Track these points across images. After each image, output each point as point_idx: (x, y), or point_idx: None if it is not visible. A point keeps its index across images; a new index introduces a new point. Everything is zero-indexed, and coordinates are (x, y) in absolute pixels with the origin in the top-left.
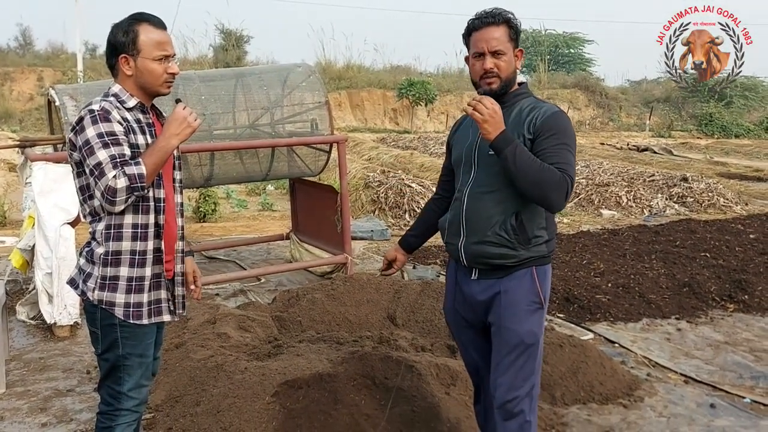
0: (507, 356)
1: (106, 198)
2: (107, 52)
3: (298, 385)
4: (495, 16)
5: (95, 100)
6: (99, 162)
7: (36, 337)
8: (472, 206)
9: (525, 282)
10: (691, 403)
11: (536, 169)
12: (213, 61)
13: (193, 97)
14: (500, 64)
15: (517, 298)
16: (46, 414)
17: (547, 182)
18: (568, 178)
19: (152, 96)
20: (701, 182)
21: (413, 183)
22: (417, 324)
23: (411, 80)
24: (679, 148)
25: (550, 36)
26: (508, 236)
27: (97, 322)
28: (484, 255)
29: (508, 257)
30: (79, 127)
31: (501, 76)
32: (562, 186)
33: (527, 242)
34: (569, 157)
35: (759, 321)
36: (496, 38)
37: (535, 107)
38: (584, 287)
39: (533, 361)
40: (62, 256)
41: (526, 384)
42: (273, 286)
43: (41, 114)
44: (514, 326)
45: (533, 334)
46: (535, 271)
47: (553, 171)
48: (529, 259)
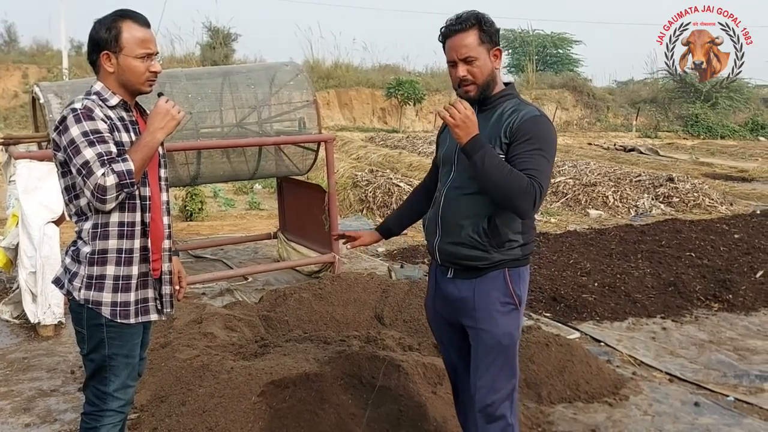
0: (485, 358)
1: (97, 197)
2: (89, 48)
3: (285, 385)
4: (463, 22)
5: (77, 99)
6: (86, 161)
7: (20, 337)
8: (448, 206)
9: (497, 283)
10: (675, 401)
11: (503, 175)
12: (200, 60)
13: (180, 96)
14: (473, 70)
15: (490, 300)
16: (29, 414)
17: (513, 188)
18: (536, 185)
19: (134, 94)
20: (687, 182)
21: (401, 182)
22: (404, 323)
23: (399, 79)
24: (665, 148)
25: (538, 36)
26: (480, 239)
27: (83, 321)
28: (456, 255)
29: (480, 259)
30: (63, 126)
31: (477, 82)
32: (529, 193)
33: (500, 245)
34: (542, 164)
35: (743, 320)
36: (465, 45)
37: (516, 110)
38: (571, 286)
39: (512, 363)
40: (46, 254)
41: (507, 386)
42: (260, 286)
43: (26, 111)
44: (490, 328)
45: (510, 335)
46: (507, 273)
47: (520, 177)
48: (502, 261)
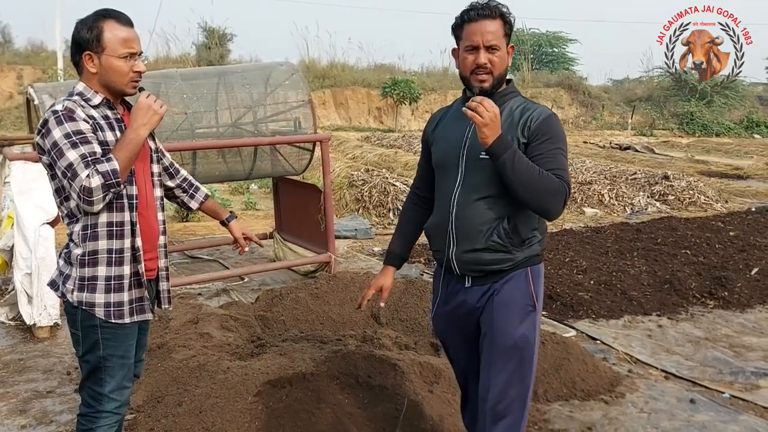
0: (500, 359)
1: (83, 199)
2: (71, 49)
3: (281, 385)
4: (492, 9)
5: (58, 101)
6: (70, 163)
7: (15, 338)
8: (462, 214)
9: (520, 283)
10: (671, 398)
11: (535, 176)
12: (196, 60)
13: (176, 96)
14: (494, 59)
15: (510, 300)
16: (25, 416)
17: (546, 190)
18: (565, 185)
19: (118, 95)
20: (682, 180)
21: (397, 182)
22: (400, 322)
23: (395, 79)
24: (660, 146)
25: (534, 35)
26: (503, 241)
27: (77, 323)
28: (479, 262)
29: (505, 261)
30: (45, 129)
31: (494, 72)
32: (561, 193)
33: (522, 244)
34: (564, 163)
35: (738, 317)
36: (491, 32)
37: (527, 108)
38: (567, 285)
39: (527, 366)
40: (42, 256)
41: (519, 387)
42: (256, 286)
43: (21, 113)
44: (506, 328)
45: (526, 338)
46: (530, 272)
47: (551, 178)
48: (525, 260)
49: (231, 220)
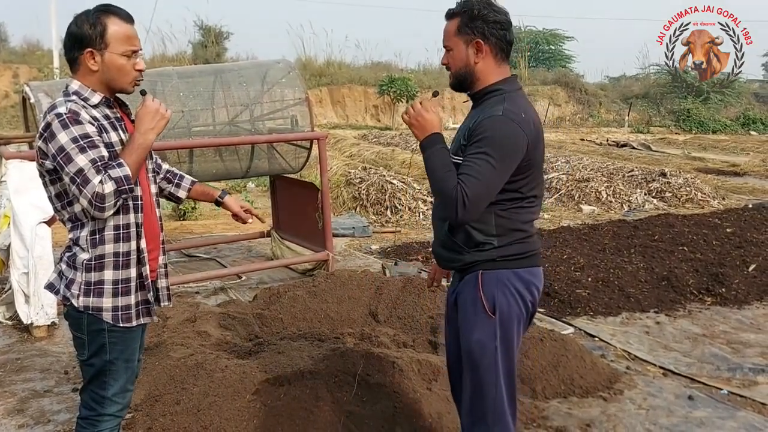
0: (465, 366)
1: (95, 205)
2: (69, 44)
3: (279, 383)
4: (450, 10)
5: (59, 102)
6: (80, 169)
7: (12, 338)
8: (434, 209)
9: (470, 286)
10: (669, 395)
11: (437, 177)
12: (192, 58)
13: (172, 94)
14: (449, 59)
15: (462, 303)
16: (23, 415)
17: (440, 192)
18: (461, 192)
19: (116, 92)
20: (679, 177)
21: (395, 180)
22: (399, 320)
23: (392, 77)
24: (657, 143)
25: (531, 32)
26: (449, 240)
27: (83, 327)
28: (439, 257)
29: (456, 261)
30: (48, 133)
31: (452, 71)
32: (451, 198)
33: (474, 246)
34: (482, 169)
35: (736, 313)
36: (445, 32)
37: (485, 111)
38: (564, 282)
39: (487, 377)
40: (39, 255)
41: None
42: (254, 284)
43: (17, 111)
44: (463, 331)
45: (481, 344)
46: (480, 276)
47: (448, 183)
48: (475, 263)
49: (224, 196)
